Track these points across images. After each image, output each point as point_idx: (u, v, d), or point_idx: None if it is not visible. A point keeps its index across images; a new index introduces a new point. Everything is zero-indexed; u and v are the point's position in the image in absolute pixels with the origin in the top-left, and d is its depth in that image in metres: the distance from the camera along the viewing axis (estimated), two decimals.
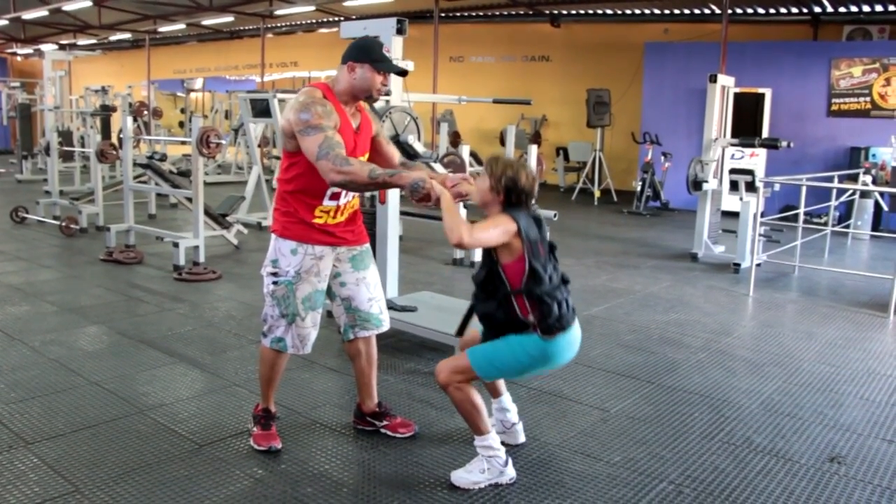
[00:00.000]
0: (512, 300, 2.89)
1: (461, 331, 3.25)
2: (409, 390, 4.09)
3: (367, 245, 3.41)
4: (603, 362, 4.70)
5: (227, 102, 19.61)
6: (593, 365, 4.63)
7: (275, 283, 3.18)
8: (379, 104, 4.48)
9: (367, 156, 3.28)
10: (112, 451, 3.26)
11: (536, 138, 15.30)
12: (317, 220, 3.15)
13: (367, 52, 3.12)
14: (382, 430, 3.48)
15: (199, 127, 7.01)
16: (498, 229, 2.83)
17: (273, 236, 3.22)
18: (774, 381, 4.43)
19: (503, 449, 3.07)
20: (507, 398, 3.41)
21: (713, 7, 13.42)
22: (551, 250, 3.00)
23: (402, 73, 3.47)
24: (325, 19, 18.38)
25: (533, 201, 3.00)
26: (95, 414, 3.66)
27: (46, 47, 20.98)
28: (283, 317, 3.19)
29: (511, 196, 2.92)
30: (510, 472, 3.06)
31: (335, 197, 3.14)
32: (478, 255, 7.67)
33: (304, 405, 3.85)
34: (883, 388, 4.38)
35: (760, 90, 11.91)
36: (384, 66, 3.14)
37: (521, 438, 3.44)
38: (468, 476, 3.03)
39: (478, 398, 3.00)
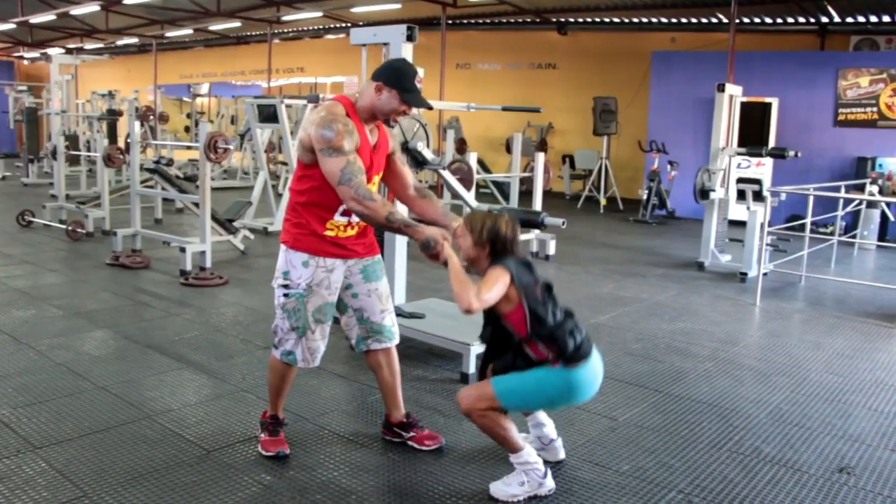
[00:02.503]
0: (525, 348, 2.92)
1: (482, 374, 3.17)
2: (417, 397, 4.08)
3: (379, 256, 3.39)
4: (611, 371, 4.67)
5: (234, 107, 19.67)
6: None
7: (286, 295, 3.16)
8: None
9: (381, 174, 3.26)
10: (120, 456, 3.25)
11: (542, 146, 15.32)
12: (328, 233, 3.13)
13: (399, 80, 3.04)
14: (409, 442, 3.45)
15: (206, 132, 7.02)
16: (499, 284, 2.86)
17: (283, 247, 3.19)
18: (782, 391, 4.42)
19: (541, 460, 3.06)
20: (541, 414, 3.36)
21: (720, 16, 13.43)
22: (548, 290, 3.02)
23: (428, 108, 3.41)
24: (332, 25, 18.42)
25: (517, 246, 3.02)
26: (103, 419, 3.66)
27: (53, 51, 21.11)
28: (293, 329, 3.18)
29: (496, 246, 2.96)
30: (549, 484, 3.05)
31: (347, 213, 3.11)
32: None
33: (311, 412, 3.85)
34: (891, 398, 4.36)
35: (767, 100, 11.91)
36: (412, 98, 3.08)
37: (562, 455, 3.38)
38: (507, 489, 3.00)
39: (503, 420, 2.99)
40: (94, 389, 4.06)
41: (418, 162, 4.33)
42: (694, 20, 14.18)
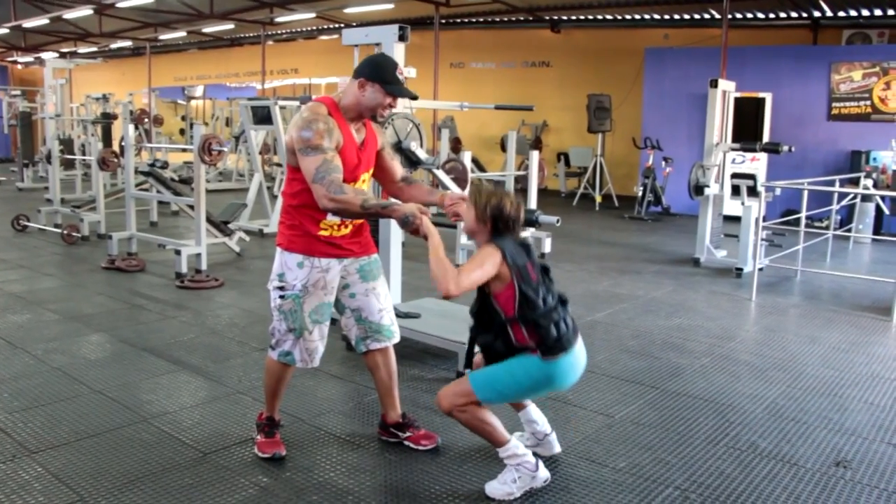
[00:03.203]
0: (508, 329, 2.89)
1: (468, 363, 3.16)
2: (413, 397, 4.08)
3: (376, 255, 3.39)
4: (607, 368, 4.69)
5: (228, 110, 19.65)
6: (597, 370, 4.63)
7: (282, 297, 3.16)
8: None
9: (371, 171, 3.27)
10: (116, 459, 3.25)
11: (537, 144, 15.33)
12: (322, 233, 3.13)
13: (379, 73, 3.06)
14: (405, 442, 3.45)
15: (200, 134, 7.01)
16: (483, 268, 2.84)
17: (279, 250, 3.20)
18: (779, 386, 4.42)
19: (529, 452, 3.05)
20: (533, 409, 3.34)
21: (713, 12, 13.44)
22: (545, 272, 3.00)
23: (413, 98, 3.40)
24: (325, 26, 18.42)
25: (520, 227, 3.01)
26: (99, 422, 3.65)
27: (47, 55, 21.06)
28: (290, 331, 3.18)
29: (498, 224, 2.95)
30: (543, 475, 3.04)
31: None
32: None
33: (307, 413, 3.85)
34: (887, 391, 4.37)
35: (761, 95, 11.92)
36: (394, 89, 3.08)
37: (557, 449, 3.36)
38: (502, 487, 3.00)
39: (485, 413, 2.99)
40: (90, 393, 4.05)
41: (412, 162, 4.33)
42: (686, 16, 14.20)
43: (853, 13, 12.47)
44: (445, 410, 3.01)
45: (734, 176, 8.51)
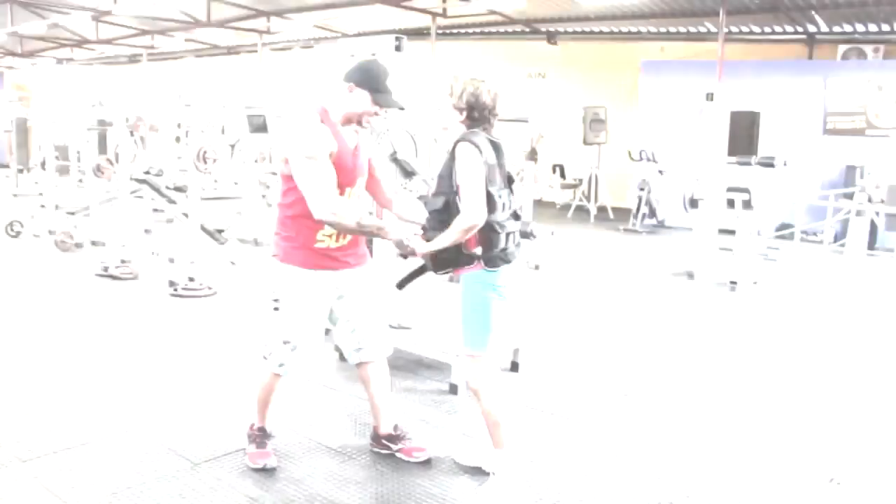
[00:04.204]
0: None
1: (403, 284, 3.19)
2: (405, 409, 4.06)
3: (371, 267, 3.37)
4: (599, 381, 4.69)
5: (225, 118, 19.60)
6: (589, 384, 4.62)
7: (275, 308, 3.15)
8: (376, 121, 4.47)
9: (366, 177, 3.25)
10: (107, 468, 3.23)
11: (533, 155, 15.33)
12: (318, 245, 3.10)
13: (370, 80, 3.02)
14: (397, 454, 3.44)
15: (196, 142, 6.99)
16: (475, 174, 2.82)
17: (274, 261, 3.18)
18: (773, 400, 4.42)
19: (516, 469, 3.07)
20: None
21: (709, 26, 13.49)
22: (509, 181, 3.01)
23: (401, 108, 3.34)
24: (322, 36, 18.43)
25: (495, 118, 3.00)
26: (89, 431, 3.63)
27: (44, 61, 21.04)
28: (284, 343, 3.16)
29: (474, 112, 2.93)
30: (521, 484, 3.06)
31: None
32: None
33: (299, 423, 3.83)
34: (883, 408, 4.37)
35: (756, 108, 11.94)
36: (384, 99, 3.04)
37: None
38: (494, 500, 3.01)
39: (503, 412, 3.04)
40: (81, 401, 4.03)
41: (407, 172, 4.33)
42: (683, 29, 14.24)
43: (848, 28, 12.53)
44: (472, 391, 3.09)
45: (729, 189, 8.51)
